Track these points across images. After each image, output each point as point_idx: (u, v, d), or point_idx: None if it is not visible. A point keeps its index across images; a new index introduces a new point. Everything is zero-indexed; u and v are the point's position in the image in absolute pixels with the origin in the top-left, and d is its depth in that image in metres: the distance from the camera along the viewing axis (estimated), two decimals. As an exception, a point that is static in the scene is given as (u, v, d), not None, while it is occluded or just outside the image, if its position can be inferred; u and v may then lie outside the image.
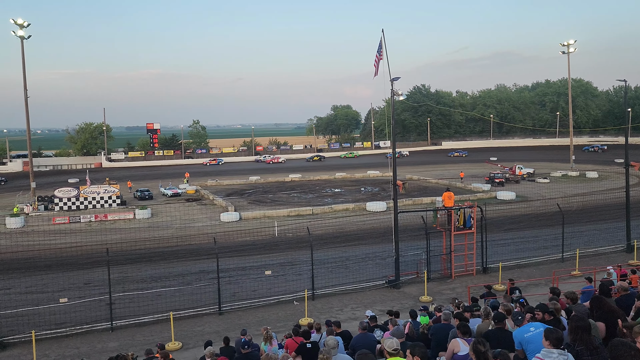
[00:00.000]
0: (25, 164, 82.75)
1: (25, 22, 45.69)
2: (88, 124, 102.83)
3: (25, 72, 47.67)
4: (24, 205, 44.94)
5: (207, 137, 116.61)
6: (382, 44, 20.05)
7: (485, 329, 8.01)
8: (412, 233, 26.04)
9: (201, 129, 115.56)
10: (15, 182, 67.60)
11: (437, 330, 9.03)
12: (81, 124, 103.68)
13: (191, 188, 54.96)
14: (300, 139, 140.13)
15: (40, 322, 17.99)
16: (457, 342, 7.51)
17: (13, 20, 45.20)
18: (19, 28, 45.46)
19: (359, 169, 72.72)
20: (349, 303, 19.37)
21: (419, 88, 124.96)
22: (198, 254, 28.17)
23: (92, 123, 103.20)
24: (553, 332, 5.54)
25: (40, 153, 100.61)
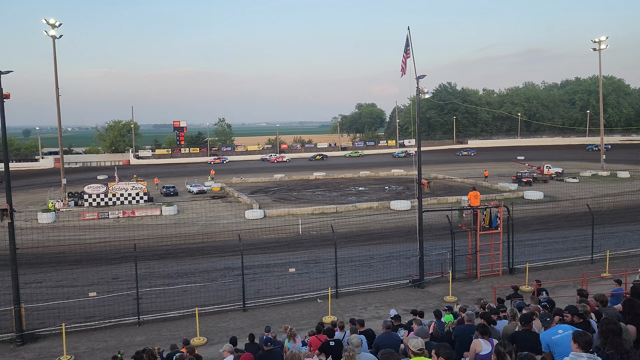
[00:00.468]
0: (56, 160, 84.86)
1: (57, 22, 46.76)
2: (117, 122, 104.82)
3: (56, 71, 48.83)
4: (55, 201, 46.06)
5: (233, 135, 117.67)
6: (408, 42, 19.88)
7: (511, 331, 7.89)
8: (437, 232, 25.80)
9: (227, 126, 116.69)
10: (46, 178, 69.32)
11: (461, 331, 8.93)
12: (110, 122, 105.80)
13: (216, 185, 55.55)
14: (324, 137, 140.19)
15: (70, 315, 18.42)
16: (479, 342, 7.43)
17: (45, 20, 46.31)
18: (50, 28, 46.56)
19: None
20: (372, 302, 19.31)
21: (445, 86, 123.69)
22: (223, 250, 28.45)
23: (121, 121, 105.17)
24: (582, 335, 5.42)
25: (70, 150, 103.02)
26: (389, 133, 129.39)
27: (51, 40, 47.07)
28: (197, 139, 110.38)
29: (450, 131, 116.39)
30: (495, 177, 56.88)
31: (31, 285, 21.79)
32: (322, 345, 9.45)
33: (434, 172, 62.48)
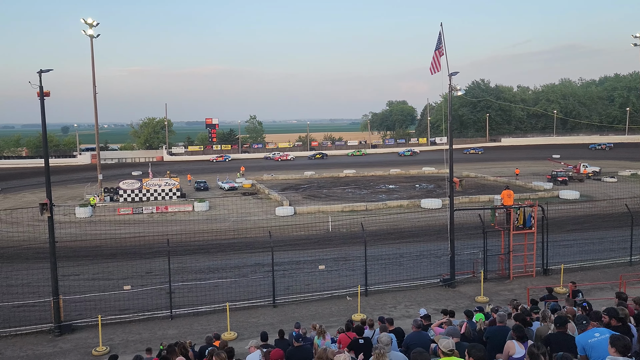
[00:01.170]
0: (93, 156, 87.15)
1: (95, 22, 47.92)
2: (151, 119, 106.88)
3: (94, 70, 50.08)
4: (92, 196, 47.33)
5: (264, 132, 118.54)
6: (441, 38, 19.62)
7: (545, 332, 7.73)
8: (469, 231, 25.44)
9: (258, 124, 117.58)
10: (84, 174, 71.26)
11: (493, 333, 8.79)
12: (144, 119, 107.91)
13: (247, 182, 56.09)
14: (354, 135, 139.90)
15: (106, 307, 18.91)
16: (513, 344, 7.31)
17: (83, 19, 47.52)
18: (88, 27, 47.74)
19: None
20: (402, 300, 19.20)
21: (478, 83, 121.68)
22: (253, 247, 28.73)
23: (155, 118, 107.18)
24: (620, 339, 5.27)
25: (106, 146, 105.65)
26: (420, 131, 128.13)
27: (89, 39, 48.28)
28: (228, 136, 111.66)
29: (483, 129, 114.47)
30: (529, 176, 55.71)
31: (69, 278, 22.44)
32: (352, 342, 9.46)
33: (466, 170, 61.61)
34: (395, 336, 9.54)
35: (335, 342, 10.63)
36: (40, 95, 16.95)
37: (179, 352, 9.90)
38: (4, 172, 78.78)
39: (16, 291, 21.56)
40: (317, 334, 10.68)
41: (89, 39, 48.25)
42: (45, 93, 16.97)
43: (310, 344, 10.23)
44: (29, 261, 26.61)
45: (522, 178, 54.22)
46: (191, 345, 11.27)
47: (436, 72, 19.70)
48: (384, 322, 10.58)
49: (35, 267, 23.86)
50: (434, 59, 19.78)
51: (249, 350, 9.50)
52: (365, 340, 9.46)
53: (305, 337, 10.19)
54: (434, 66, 19.78)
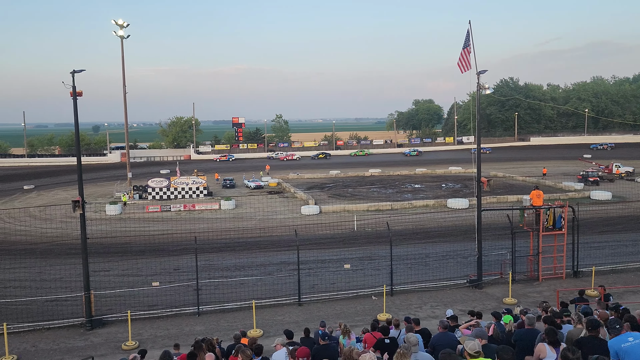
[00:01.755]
0: (122, 155, 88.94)
1: (125, 23, 48.88)
2: (179, 118, 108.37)
3: (124, 70, 51.10)
4: (124, 194, 48.27)
5: (289, 131, 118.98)
6: (469, 36, 19.37)
7: (576, 336, 7.57)
8: (496, 232, 25.11)
9: (284, 123, 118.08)
10: (113, 172, 72.73)
11: (522, 335, 8.65)
12: (172, 118, 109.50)
13: (273, 181, 56.42)
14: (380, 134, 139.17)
15: (135, 303, 19.29)
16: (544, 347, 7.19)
17: (114, 21, 48.50)
18: (119, 28, 48.74)
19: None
20: (428, 301, 19.05)
21: (507, 81, 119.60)
22: (279, 245, 28.89)
23: (182, 117, 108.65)
24: (655, 344, 5.13)
25: (135, 145, 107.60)
26: (447, 130, 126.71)
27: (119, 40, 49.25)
28: (254, 134, 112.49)
29: (512, 128, 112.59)
30: (559, 176, 54.57)
31: (99, 274, 22.97)
32: (377, 342, 9.43)
33: (494, 170, 60.73)
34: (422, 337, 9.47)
35: (360, 341, 10.62)
36: (73, 95, 17.36)
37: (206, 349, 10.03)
38: (37, 169, 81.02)
39: (49, 286, 22.17)
40: (341, 333, 10.68)
41: (120, 39, 49.21)
42: (78, 93, 17.37)
43: (336, 342, 10.24)
44: (61, 257, 27.31)
45: (552, 178, 53.16)
46: (218, 342, 11.40)
47: (466, 70, 19.46)
48: (410, 322, 10.51)
49: (67, 262, 24.50)
50: (463, 57, 19.54)
51: (275, 348, 9.54)
52: (391, 340, 9.42)
53: (331, 336, 10.21)
54: (463, 64, 19.54)
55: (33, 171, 77.98)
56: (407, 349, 6.57)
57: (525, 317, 9.01)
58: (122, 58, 50.54)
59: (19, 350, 15.55)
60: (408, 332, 9.42)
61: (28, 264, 25.74)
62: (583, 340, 7.12)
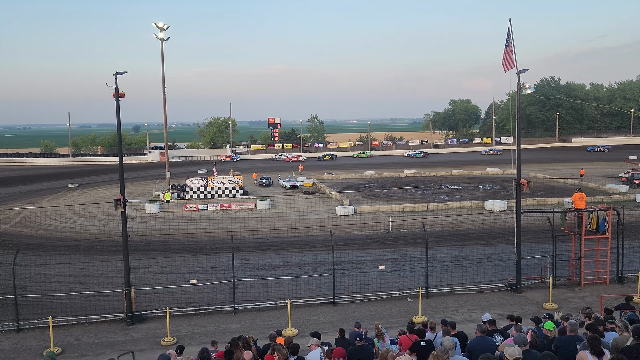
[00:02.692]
0: (161, 155, 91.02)
1: (165, 25, 49.98)
2: (216, 119, 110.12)
3: (164, 71, 52.28)
4: (160, 192, 49.39)
5: (325, 132, 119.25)
6: (510, 35, 18.97)
7: (622, 344, 7.31)
8: (536, 235, 24.46)
9: (319, 123, 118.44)
10: (153, 171, 74.48)
11: (563, 342, 8.41)
12: (210, 119, 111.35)
13: (308, 181, 56.66)
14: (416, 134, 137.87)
15: (173, 300, 19.69)
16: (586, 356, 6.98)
17: (155, 24, 49.67)
18: (159, 31, 49.87)
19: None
20: (465, 304, 18.74)
21: (548, 80, 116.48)
22: (314, 245, 28.98)
23: (220, 117, 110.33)
24: None
25: (174, 145, 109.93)
26: (485, 130, 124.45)
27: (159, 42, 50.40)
28: (290, 135, 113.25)
29: (553, 128, 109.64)
30: (602, 178, 52.80)
31: (139, 270, 23.56)
32: (413, 345, 9.35)
33: (534, 172, 59.30)
34: (458, 341, 9.34)
35: (395, 343, 10.55)
36: (116, 97, 17.86)
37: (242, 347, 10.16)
38: (81, 168, 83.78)
39: (92, 281, 22.88)
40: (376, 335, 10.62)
41: (160, 42, 50.35)
42: (120, 94, 17.87)
43: (371, 344, 10.21)
44: (103, 253, 28.15)
45: (595, 180, 51.48)
46: (254, 341, 11.53)
47: (509, 69, 19.06)
48: (446, 326, 10.37)
49: (109, 259, 25.21)
50: (507, 56, 19.14)
51: (310, 348, 9.58)
52: (428, 343, 9.32)
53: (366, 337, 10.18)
54: (507, 63, 19.13)
55: (77, 170, 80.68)
56: (443, 352, 6.50)
57: (568, 324, 8.76)
58: (162, 60, 51.71)
59: (63, 343, 16.10)
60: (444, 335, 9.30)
61: (72, 259, 26.63)
62: (629, 348, 6.87)
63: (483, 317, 11.69)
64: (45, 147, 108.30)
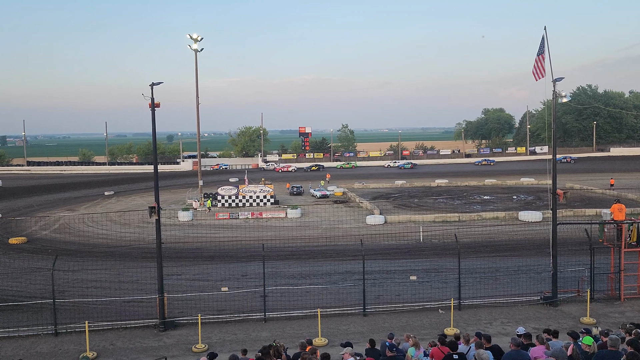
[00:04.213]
0: (194, 163, 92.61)
1: (199, 37, 50.96)
2: (247, 128, 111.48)
3: (197, 82, 53.24)
4: (193, 200, 50.15)
5: (355, 141, 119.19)
6: (544, 42, 18.65)
7: (665, 362, 7.04)
8: (573, 247, 23.80)
9: (349, 132, 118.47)
10: (185, 179, 75.78)
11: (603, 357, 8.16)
12: (242, 128, 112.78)
13: (339, 190, 56.63)
14: (447, 144, 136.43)
15: (204, 307, 19.89)
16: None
17: (189, 35, 50.73)
18: (193, 42, 50.87)
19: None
20: (498, 317, 18.35)
21: (584, 89, 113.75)
22: (344, 254, 28.91)
23: (251, 127, 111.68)
24: None
25: (206, 154, 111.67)
26: (518, 139, 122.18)
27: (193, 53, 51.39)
28: (321, 144, 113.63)
29: (589, 137, 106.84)
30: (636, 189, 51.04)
31: (172, 277, 23.93)
32: (445, 358, 9.23)
33: (570, 182, 57.83)
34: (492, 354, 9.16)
35: (427, 355, 10.40)
36: (151, 106, 18.30)
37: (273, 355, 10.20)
38: (117, 176, 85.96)
39: (126, 287, 23.36)
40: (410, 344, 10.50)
41: (194, 53, 51.37)
42: (156, 104, 18.30)
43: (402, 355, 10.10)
44: (138, 260, 28.71)
45: (635, 191, 49.81)
46: (284, 349, 11.54)
47: (540, 77, 18.74)
48: (480, 338, 10.17)
49: (143, 265, 25.69)
50: (538, 64, 18.83)
51: (344, 357, 9.53)
52: (460, 356, 9.17)
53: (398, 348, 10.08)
54: (538, 72, 18.82)
55: (113, 178, 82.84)
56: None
57: (608, 339, 8.49)
58: (196, 70, 52.69)
59: (98, 348, 16.45)
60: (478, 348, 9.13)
61: (107, 265, 27.26)
62: (673, 366, 6.61)
63: (517, 331, 11.43)
64: (83, 156, 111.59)
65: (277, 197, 50.84)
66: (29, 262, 29.17)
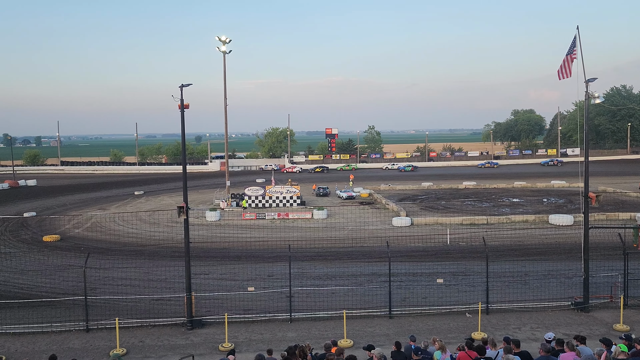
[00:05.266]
0: (222, 164, 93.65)
1: (228, 39, 51.52)
2: (274, 129, 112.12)
3: (225, 84, 53.86)
4: (220, 201, 50.69)
5: (381, 142, 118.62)
6: (576, 42, 18.26)
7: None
8: (605, 252, 23.23)
9: (376, 134, 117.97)
10: (213, 180, 76.66)
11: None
12: (269, 129, 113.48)
13: (365, 191, 56.48)
14: (475, 145, 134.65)
15: (231, 306, 20.11)
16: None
17: (218, 37, 51.32)
18: (222, 44, 51.44)
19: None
20: (527, 322, 18.02)
21: (618, 89, 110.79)
22: (370, 256, 28.80)
23: (278, 128, 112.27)
24: None
25: (234, 155, 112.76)
26: (549, 141, 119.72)
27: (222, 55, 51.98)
28: (347, 145, 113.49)
29: (624, 139, 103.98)
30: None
31: (200, 276, 24.24)
32: (473, 362, 9.11)
33: (603, 185, 56.37)
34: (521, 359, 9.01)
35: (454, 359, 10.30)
36: (181, 108, 18.59)
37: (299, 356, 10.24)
38: (146, 176, 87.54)
39: (155, 285, 23.77)
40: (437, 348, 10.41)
41: (222, 55, 51.95)
42: (185, 105, 18.58)
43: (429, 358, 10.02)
44: (166, 259, 29.19)
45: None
46: (310, 350, 11.58)
47: (565, 77, 18.35)
48: (509, 343, 10.03)
49: (171, 264, 26.11)
50: (565, 64, 18.45)
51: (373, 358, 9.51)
52: (488, 360, 9.05)
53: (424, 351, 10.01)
54: (564, 71, 18.44)
55: (143, 178, 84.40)
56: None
57: (641, 347, 8.26)
58: (224, 72, 53.31)
59: (128, 344, 16.79)
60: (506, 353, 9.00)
61: (137, 264, 27.81)
62: None
63: (547, 336, 11.23)
64: (114, 156, 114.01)
65: (304, 198, 50.99)
66: (62, 259, 29.95)
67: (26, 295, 22.96)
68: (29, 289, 24.28)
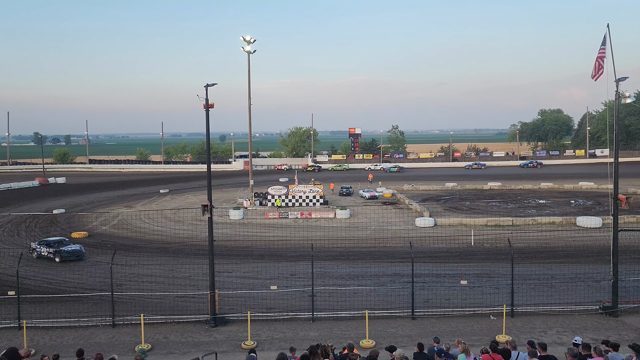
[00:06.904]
0: (245, 163, 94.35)
1: (252, 39, 51.85)
2: (298, 129, 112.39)
3: (249, 83, 54.20)
4: (244, 200, 51.05)
5: (405, 142, 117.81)
6: (605, 41, 17.85)
7: None
8: (635, 255, 22.72)
9: (399, 134, 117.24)
10: (237, 179, 77.27)
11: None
12: (292, 128, 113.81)
13: (388, 191, 56.23)
14: (501, 146, 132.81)
15: (254, 304, 20.25)
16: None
17: (242, 37, 51.70)
18: (247, 44, 51.80)
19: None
20: (553, 325, 17.69)
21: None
22: (393, 256, 28.66)
23: (301, 127, 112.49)
24: None
25: (257, 154, 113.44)
26: (577, 142, 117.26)
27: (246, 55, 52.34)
28: (370, 145, 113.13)
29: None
30: None
31: (223, 274, 24.44)
32: (497, 365, 8.98)
33: (633, 187, 54.96)
34: (547, 364, 8.85)
35: (478, 362, 10.18)
36: (206, 107, 18.79)
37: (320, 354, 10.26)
38: (171, 175, 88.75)
39: (179, 283, 24.08)
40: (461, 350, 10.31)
41: (247, 54, 52.31)
42: (210, 105, 18.77)
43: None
44: (190, 256, 29.56)
45: None
46: (332, 349, 11.59)
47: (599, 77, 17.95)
48: (534, 347, 9.86)
49: (195, 262, 26.42)
50: (597, 64, 18.05)
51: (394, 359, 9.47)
52: (512, 364, 8.92)
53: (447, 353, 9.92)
54: (597, 71, 18.05)
55: (168, 176, 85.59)
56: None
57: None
58: (249, 72, 53.65)
59: (152, 340, 17.05)
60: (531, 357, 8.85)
61: (162, 261, 28.20)
62: None
63: (574, 340, 11.01)
64: (140, 155, 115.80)
65: (326, 198, 51.00)
66: (89, 255, 30.59)
67: (55, 290, 23.54)
68: (57, 284, 24.89)
